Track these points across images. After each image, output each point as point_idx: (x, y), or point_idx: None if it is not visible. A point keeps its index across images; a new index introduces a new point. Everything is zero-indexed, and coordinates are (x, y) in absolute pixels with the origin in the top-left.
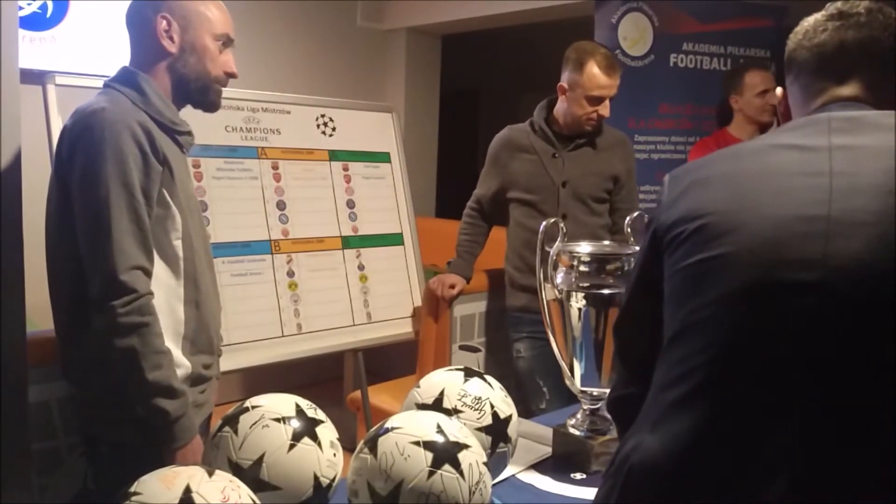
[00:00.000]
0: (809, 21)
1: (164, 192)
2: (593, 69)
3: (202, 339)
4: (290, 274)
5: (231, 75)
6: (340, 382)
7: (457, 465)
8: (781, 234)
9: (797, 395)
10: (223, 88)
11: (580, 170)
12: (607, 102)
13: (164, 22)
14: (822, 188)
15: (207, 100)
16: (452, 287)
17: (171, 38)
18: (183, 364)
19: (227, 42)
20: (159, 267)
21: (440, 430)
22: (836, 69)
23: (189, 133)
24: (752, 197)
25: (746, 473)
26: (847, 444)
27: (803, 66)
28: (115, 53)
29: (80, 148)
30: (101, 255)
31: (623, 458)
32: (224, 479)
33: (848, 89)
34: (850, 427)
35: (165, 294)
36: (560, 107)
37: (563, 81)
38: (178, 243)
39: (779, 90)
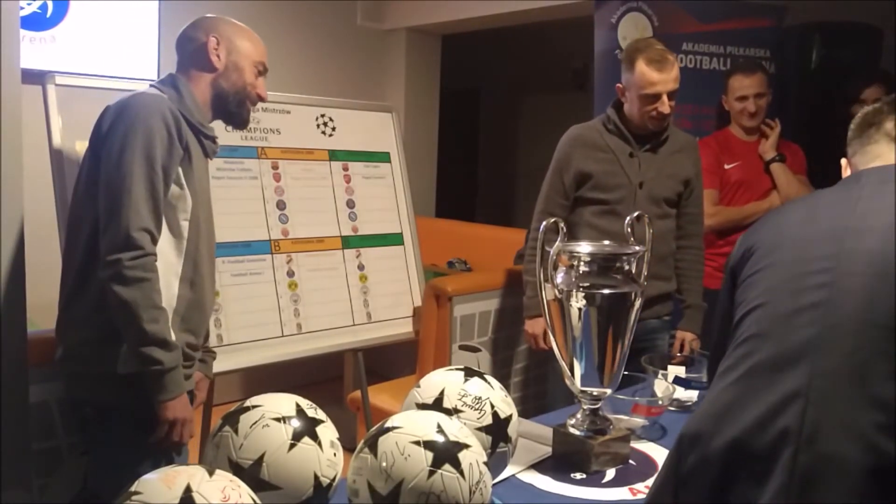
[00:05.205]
0: None
1: (181, 173)
2: (642, 66)
3: (192, 318)
4: (290, 274)
5: (261, 98)
6: (340, 382)
7: (457, 465)
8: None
9: (805, 353)
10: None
11: (655, 171)
12: (665, 98)
13: (215, 41)
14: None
15: (242, 112)
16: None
17: (219, 56)
18: None
19: (262, 70)
20: (164, 241)
21: (440, 430)
22: None
23: (214, 140)
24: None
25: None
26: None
27: None
28: (115, 53)
29: (117, 122)
30: (117, 212)
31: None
32: (224, 479)
33: None
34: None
35: (164, 268)
36: (626, 107)
37: (621, 82)
38: (185, 224)
39: None
